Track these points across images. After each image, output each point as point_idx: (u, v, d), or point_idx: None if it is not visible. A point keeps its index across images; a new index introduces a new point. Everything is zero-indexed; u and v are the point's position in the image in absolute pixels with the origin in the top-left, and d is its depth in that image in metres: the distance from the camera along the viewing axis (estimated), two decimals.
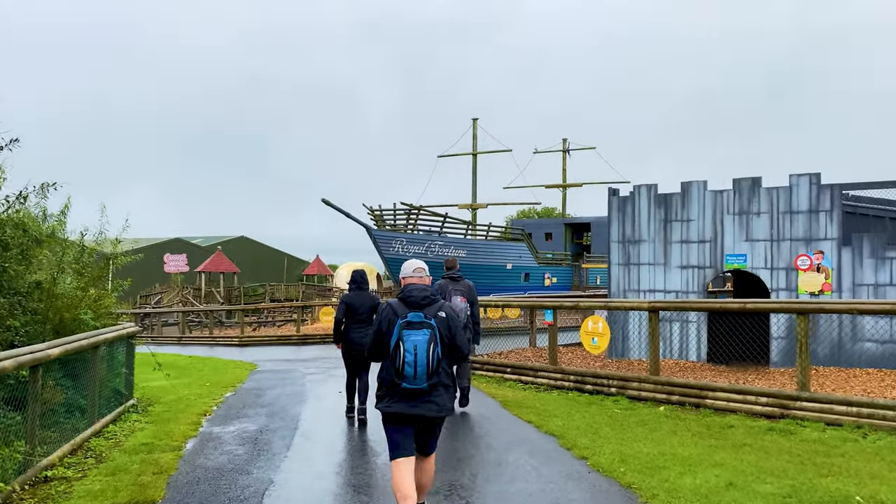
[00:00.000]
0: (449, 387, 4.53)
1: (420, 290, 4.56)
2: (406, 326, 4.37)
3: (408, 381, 4.33)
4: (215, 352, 20.79)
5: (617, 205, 12.88)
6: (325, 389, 11.34)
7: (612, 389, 9.77)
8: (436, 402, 4.42)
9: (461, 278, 9.06)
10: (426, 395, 4.39)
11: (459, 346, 4.56)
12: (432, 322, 4.40)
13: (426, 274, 4.78)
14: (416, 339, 4.33)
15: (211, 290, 43.83)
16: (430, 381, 4.35)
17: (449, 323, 4.50)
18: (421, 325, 4.37)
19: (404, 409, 4.40)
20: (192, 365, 16.07)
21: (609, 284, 12.98)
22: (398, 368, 4.33)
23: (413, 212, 27.90)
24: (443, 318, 4.48)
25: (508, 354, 12.85)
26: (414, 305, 4.49)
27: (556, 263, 35.53)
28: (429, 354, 4.32)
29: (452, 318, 4.56)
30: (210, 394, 11.20)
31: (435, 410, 4.43)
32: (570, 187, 41.28)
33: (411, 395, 4.39)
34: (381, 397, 4.51)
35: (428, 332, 4.36)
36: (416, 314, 4.42)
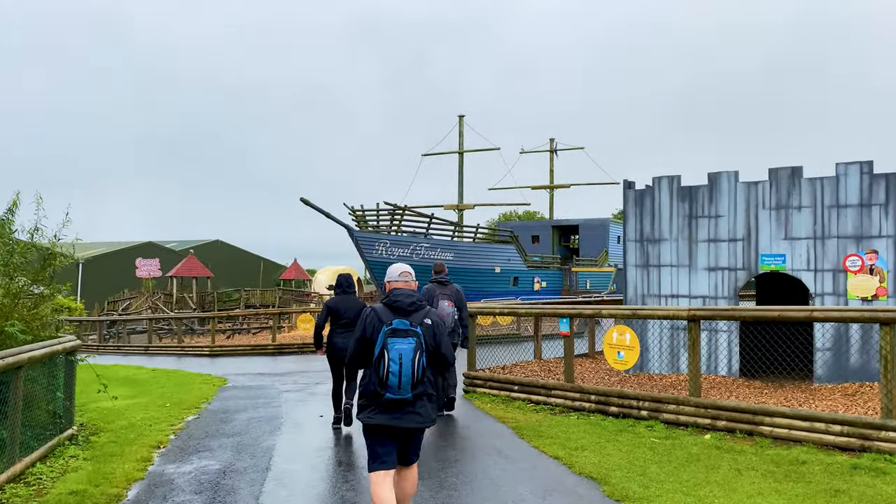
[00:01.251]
0: (433, 396, 4.40)
1: (407, 295, 4.41)
2: (391, 334, 4.23)
3: (392, 391, 4.18)
4: (183, 363, 19.04)
5: (634, 199, 11.46)
6: (305, 413, 9.76)
7: (643, 412, 8.32)
8: (420, 412, 4.31)
9: (449, 283, 9.02)
10: (410, 406, 4.26)
11: (445, 355, 4.42)
12: (418, 330, 4.27)
13: (412, 278, 4.61)
14: (401, 347, 4.19)
15: (183, 296, 41.88)
16: (414, 392, 4.22)
17: (435, 330, 4.37)
18: (407, 333, 4.23)
19: (387, 422, 4.26)
20: (153, 380, 14.36)
21: (625, 289, 11.55)
22: (382, 377, 4.18)
23: (397, 212, 26.35)
24: (429, 325, 4.35)
25: (513, 369, 11.35)
26: (400, 312, 4.34)
27: (545, 267, 34.17)
28: (414, 364, 4.18)
29: (438, 325, 4.41)
30: (169, 417, 9.57)
31: (419, 422, 4.31)
32: (558, 188, 40.01)
33: (395, 406, 4.25)
34: (364, 407, 4.34)
35: (414, 340, 4.22)
36: (402, 321, 4.27)
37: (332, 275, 46.73)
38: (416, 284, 4.72)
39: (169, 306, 40.27)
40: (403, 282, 4.56)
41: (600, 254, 37.24)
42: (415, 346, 4.23)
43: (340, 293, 8.71)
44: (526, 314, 9.72)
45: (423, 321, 4.36)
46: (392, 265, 4.72)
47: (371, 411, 4.30)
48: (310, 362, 17.77)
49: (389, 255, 26.15)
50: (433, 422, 4.42)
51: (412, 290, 4.53)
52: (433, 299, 8.73)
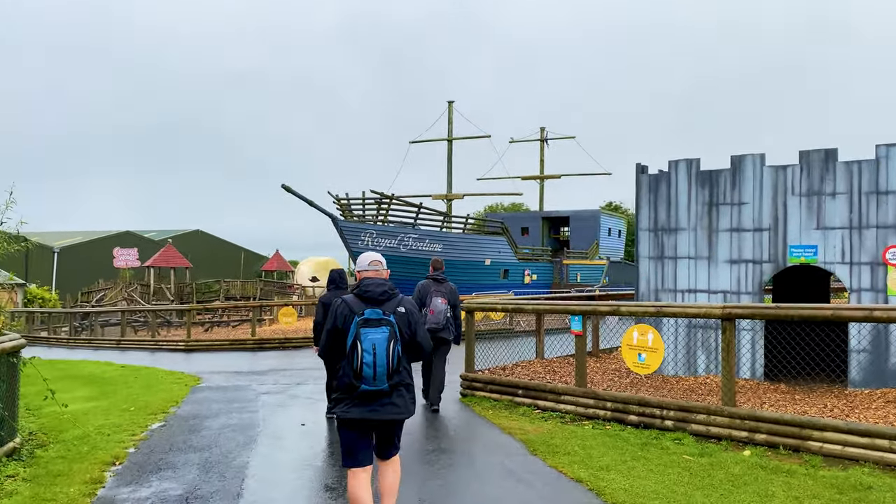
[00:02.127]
0: (410, 386, 4.28)
1: (378, 284, 4.30)
2: (363, 324, 4.10)
3: (367, 383, 4.07)
4: (157, 359, 17.90)
5: (647, 184, 10.49)
6: (285, 420, 8.71)
7: (668, 423, 7.37)
8: (397, 403, 4.19)
9: (445, 280, 9.02)
10: (386, 397, 4.15)
11: (421, 343, 4.33)
12: (391, 318, 4.15)
13: (384, 267, 4.48)
14: (374, 337, 4.07)
15: (161, 287, 40.51)
16: (390, 382, 4.11)
17: (409, 318, 4.27)
18: (379, 323, 4.11)
19: (364, 415, 4.14)
20: (121, 378, 13.23)
21: (637, 283, 10.59)
22: (356, 369, 4.07)
23: (384, 201, 25.24)
24: (402, 313, 4.24)
25: (514, 370, 10.37)
26: (371, 301, 4.23)
27: (536, 259, 33.25)
28: (388, 353, 4.07)
29: (412, 312, 4.31)
30: (131, 425, 8.49)
31: (396, 413, 4.19)
32: (548, 179, 39.03)
33: (370, 398, 4.13)
34: (338, 401, 4.22)
35: (387, 329, 4.11)
36: (374, 311, 4.15)
37: (315, 266, 45.56)
38: (388, 273, 4.53)
39: (146, 298, 38.92)
40: (374, 271, 4.39)
41: (591, 246, 36.39)
42: (388, 335, 4.09)
43: (333, 289, 8.63)
44: (534, 310, 8.74)
45: (397, 309, 4.23)
46: (362, 254, 4.55)
47: (346, 405, 4.14)
48: (291, 358, 16.70)
49: (375, 246, 25.07)
50: (412, 413, 4.28)
51: (383, 279, 4.37)
52: (427, 296, 8.78)
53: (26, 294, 43.49)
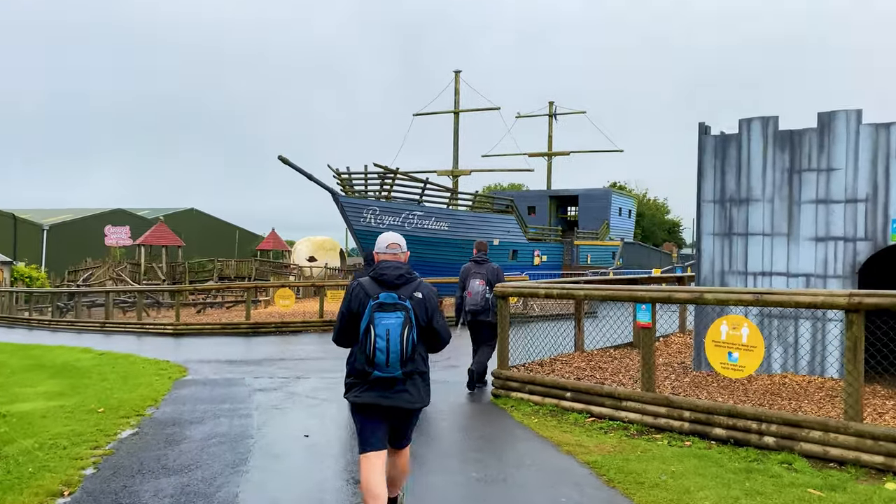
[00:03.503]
0: (425, 374, 4.16)
1: (394, 267, 4.10)
2: (378, 308, 3.94)
3: (380, 369, 3.92)
4: (141, 344, 16.34)
5: (713, 147, 8.88)
6: (284, 428, 7.15)
7: (768, 440, 5.84)
8: (410, 391, 4.04)
9: (486, 261, 8.90)
10: (400, 384, 4.00)
11: (438, 331, 4.14)
12: (407, 304, 3.98)
13: (402, 250, 4.24)
14: (388, 322, 3.91)
15: (152, 266, 38.87)
16: (403, 369, 3.95)
17: (426, 304, 4.08)
18: (394, 307, 3.94)
19: (376, 400, 4.00)
20: (96, 369, 11.66)
21: (698, 265, 9.02)
22: (369, 355, 3.91)
23: (388, 176, 23.57)
24: (419, 298, 4.06)
25: (553, 364, 8.83)
26: (387, 285, 4.03)
27: (545, 239, 31.67)
28: (402, 339, 3.91)
29: (430, 298, 4.13)
30: (96, 433, 6.93)
31: (409, 401, 4.04)
32: (556, 156, 37.32)
33: (384, 385, 3.99)
34: (351, 386, 4.08)
35: (402, 314, 3.94)
36: (390, 295, 3.98)
37: (313, 245, 43.93)
38: (407, 255, 4.30)
39: (136, 277, 37.31)
40: (391, 254, 4.22)
41: (601, 226, 34.82)
42: (403, 320, 3.95)
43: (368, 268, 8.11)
44: (586, 297, 7.18)
45: (413, 294, 4.07)
46: (381, 235, 4.34)
47: (359, 390, 4.05)
48: (289, 345, 15.14)
49: (379, 224, 23.45)
50: (426, 403, 4.17)
51: (400, 263, 4.19)
52: (467, 278, 8.72)
53: (13, 272, 41.87)
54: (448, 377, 9.80)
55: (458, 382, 9.53)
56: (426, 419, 7.22)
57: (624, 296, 7.01)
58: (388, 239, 4.28)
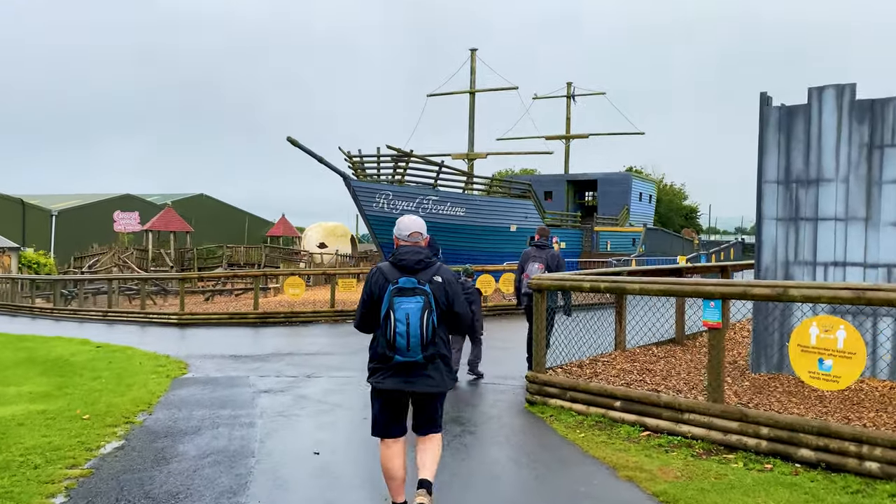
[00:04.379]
0: (447, 358, 4.12)
1: (414, 252, 4.11)
2: (397, 293, 3.95)
3: (401, 354, 3.92)
4: (143, 335, 15.50)
5: (777, 121, 7.81)
6: (291, 442, 6.21)
7: (871, 466, 4.85)
8: (432, 376, 4.03)
9: (547, 246, 8.87)
10: (422, 369, 4.00)
11: (459, 314, 4.14)
12: (426, 288, 3.98)
13: (423, 235, 4.24)
14: (408, 307, 3.92)
15: (160, 252, 38.14)
16: (425, 353, 3.94)
17: (447, 288, 4.09)
18: (414, 292, 3.95)
19: (398, 386, 4.01)
20: (90, 364, 10.80)
21: (758, 254, 7.99)
22: (389, 339, 3.92)
23: (402, 159, 22.55)
24: (439, 282, 4.07)
25: (594, 366, 7.84)
26: (406, 270, 4.06)
27: (563, 225, 30.59)
28: (422, 324, 3.91)
29: (450, 282, 4.13)
30: (77, 446, 6.04)
31: (431, 385, 4.03)
32: (575, 139, 36.12)
33: (405, 370, 3.99)
34: (374, 370, 4.09)
35: (421, 298, 3.94)
36: (409, 279, 4.00)
37: (324, 232, 43.06)
38: (428, 241, 4.29)
39: (144, 263, 36.59)
40: (412, 240, 4.17)
41: (621, 212, 33.68)
42: (422, 305, 3.92)
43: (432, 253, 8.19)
44: (641, 291, 6.17)
45: (433, 278, 4.05)
46: (401, 219, 4.29)
47: (381, 375, 4.04)
48: (299, 337, 14.24)
49: (392, 209, 22.47)
50: (450, 386, 4.13)
51: (420, 248, 4.15)
52: (526, 262, 8.76)
53: (21, 259, 41.27)
54: (484, 374, 8.86)
55: (491, 384, 8.58)
56: (458, 426, 6.29)
57: (688, 290, 6.01)
58: (409, 224, 4.24)
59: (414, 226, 4.24)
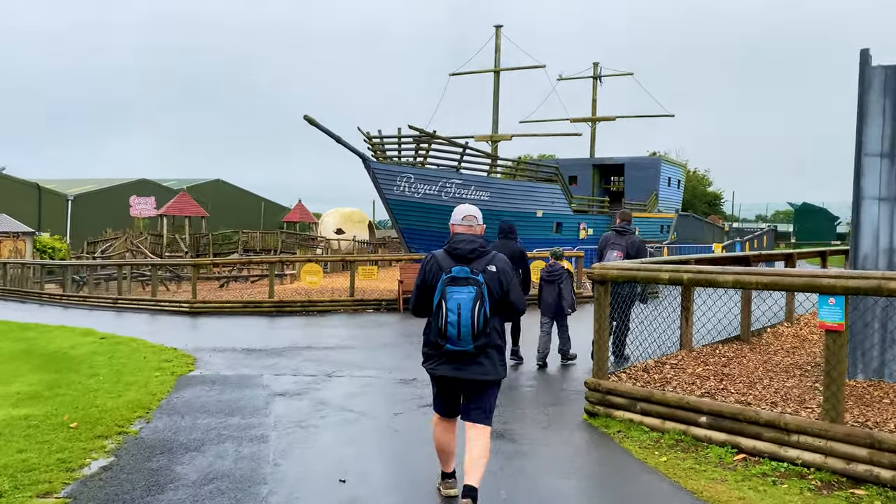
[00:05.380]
0: (500, 348, 4.11)
1: (468, 241, 4.09)
2: (450, 282, 3.95)
3: (452, 343, 3.94)
4: (153, 324, 14.60)
5: (882, 83, 6.62)
6: (312, 463, 5.17)
7: None
8: (483, 364, 4.02)
9: (627, 232, 8.51)
10: (473, 358, 4.00)
11: (514, 303, 4.10)
12: (479, 278, 3.96)
13: (478, 222, 4.24)
14: (459, 296, 3.91)
15: (175, 237, 37.37)
16: (476, 343, 3.93)
17: (500, 277, 4.04)
18: (466, 282, 3.94)
19: (450, 373, 4.04)
20: (90, 358, 9.87)
21: (855, 240, 6.82)
22: (441, 328, 3.94)
23: (424, 140, 21.44)
24: (493, 272, 4.03)
25: (661, 369, 6.73)
26: (460, 258, 4.05)
27: (590, 211, 29.36)
28: (473, 313, 3.89)
29: (505, 271, 4.07)
30: (57, 463, 5.06)
31: (482, 373, 4.02)
32: (602, 121, 34.76)
33: (457, 357, 4.01)
34: (427, 357, 4.15)
35: (474, 289, 3.92)
36: (462, 268, 3.98)
37: (341, 217, 42.11)
38: (483, 229, 4.25)
39: (159, 249, 35.85)
40: (467, 226, 4.19)
41: (650, 197, 32.37)
42: (475, 295, 3.91)
43: (503, 238, 8.61)
44: (737, 284, 5.05)
45: (487, 268, 4.03)
46: (458, 206, 4.33)
47: (434, 362, 4.09)
48: (317, 328, 13.26)
49: (413, 193, 21.40)
50: (501, 375, 4.10)
51: (475, 236, 4.15)
52: (605, 248, 8.41)
53: (35, 244, 40.74)
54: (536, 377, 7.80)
55: (541, 386, 7.53)
56: (509, 443, 5.23)
57: (799, 284, 4.87)
58: (464, 211, 4.25)
59: (468, 210, 4.25)
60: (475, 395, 4.11)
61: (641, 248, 8.36)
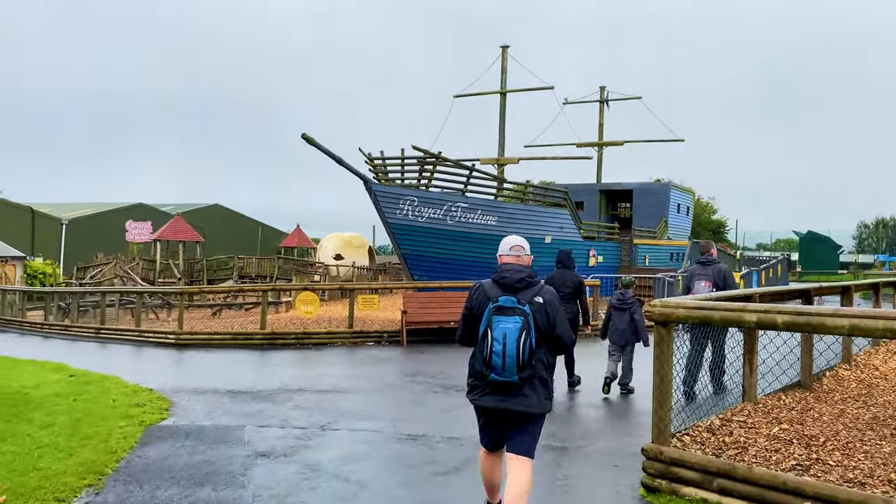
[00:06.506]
0: (546, 381, 4.02)
1: (515, 270, 4.07)
2: (496, 311, 3.93)
3: (496, 373, 3.90)
4: (135, 358, 13.39)
5: None
6: None
7: None
8: (528, 395, 3.94)
9: (713, 262, 8.42)
10: (518, 389, 3.93)
11: (560, 336, 4.03)
12: (526, 309, 3.91)
13: (525, 252, 4.22)
14: (506, 326, 3.88)
15: (168, 263, 36.19)
16: (521, 374, 3.87)
17: (547, 309, 3.97)
18: (513, 311, 3.90)
19: (493, 404, 3.99)
20: (53, 399, 8.64)
21: None
22: (486, 358, 3.92)
23: (429, 161, 20.37)
24: (540, 303, 3.96)
25: (729, 426, 5.50)
26: (507, 288, 4.02)
27: (599, 237, 28.22)
28: (519, 344, 3.85)
29: (552, 303, 4.01)
30: None
31: (526, 405, 3.94)
32: (608, 146, 33.76)
33: (502, 388, 3.95)
34: (473, 387, 4.11)
35: (520, 319, 3.88)
36: (509, 298, 3.94)
37: (340, 242, 40.99)
38: (531, 259, 4.22)
39: (151, 275, 34.64)
40: (514, 256, 4.17)
41: (659, 224, 31.27)
42: (521, 325, 3.86)
43: (562, 268, 8.99)
44: (854, 331, 3.88)
45: (534, 299, 3.96)
46: (505, 238, 4.34)
47: (479, 392, 4.05)
48: (312, 366, 12.02)
49: (417, 217, 20.27)
50: (545, 408, 4.02)
51: (522, 266, 4.13)
52: (692, 280, 8.37)
53: (26, 268, 39.54)
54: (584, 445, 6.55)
55: (586, 448, 6.29)
56: None
57: None
58: (511, 241, 4.26)
59: (516, 240, 4.25)
60: (518, 426, 4.03)
61: (729, 277, 8.18)
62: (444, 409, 8.12)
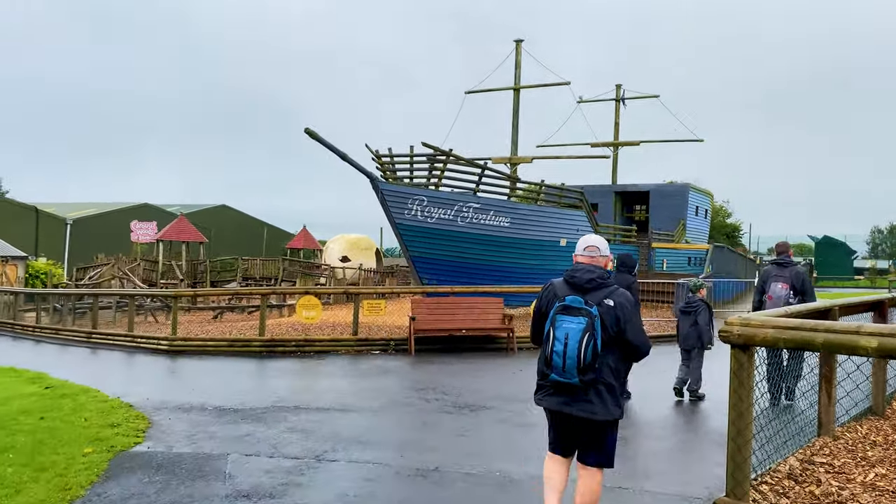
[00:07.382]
0: (612, 387, 3.83)
1: (586, 270, 3.94)
2: (562, 311, 3.81)
3: (556, 373, 3.79)
4: (122, 366, 12.45)
5: None
6: None
7: None
8: (593, 401, 3.78)
9: (789, 264, 8.16)
10: (582, 393, 3.79)
11: (632, 342, 3.84)
12: (593, 310, 3.75)
13: (601, 253, 4.06)
14: (569, 326, 3.75)
15: (171, 264, 35.33)
16: (582, 377, 3.71)
17: (617, 313, 3.81)
18: (579, 312, 3.77)
19: (556, 406, 3.89)
20: (18, 417, 7.69)
21: None
22: (547, 356, 3.85)
23: (439, 158, 19.37)
24: (610, 306, 3.81)
25: (813, 471, 4.47)
26: (576, 288, 3.90)
27: (615, 240, 27.14)
28: (580, 346, 3.70)
29: (623, 307, 3.84)
30: None
31: (589, 412, 3.78)
32: (624, 146, 32.67)
33: (564, 390, 3.84)
34: (538, 387, 4.02)
35: (584, 320, 3.74)
36: (576, 298, 3.81)
37: (347, 244, 40.03)
38: (609, 260, 4.05)
39: (154, 276, 33.78)
40: (588, 256, 4.04)
41: (677, 227, 30.14)
42: (585, 326, 3.71)
43: (625, 271, 8.45)
44: None
45: (604, 301, 3.81)
46: (582, 237, 4.20)
47: (544, 393, 3.96)
48: (314, 376, 11.04)
49: (426, 217, 19.28)
50: (611, 416, 3.82)
51: (595, 266, 3.98)
52: (767, 281, 8.06)
53: (28, 268, 38.79)
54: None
55: (643, 492, 5.26)
56: None
57: None
58: (587, 241, 4.14)
59: (591, 240, 4.13)
60: (587, 434, 3.91)
61: (807, 280, 7.93)
62: (457, 432, 7.12)
